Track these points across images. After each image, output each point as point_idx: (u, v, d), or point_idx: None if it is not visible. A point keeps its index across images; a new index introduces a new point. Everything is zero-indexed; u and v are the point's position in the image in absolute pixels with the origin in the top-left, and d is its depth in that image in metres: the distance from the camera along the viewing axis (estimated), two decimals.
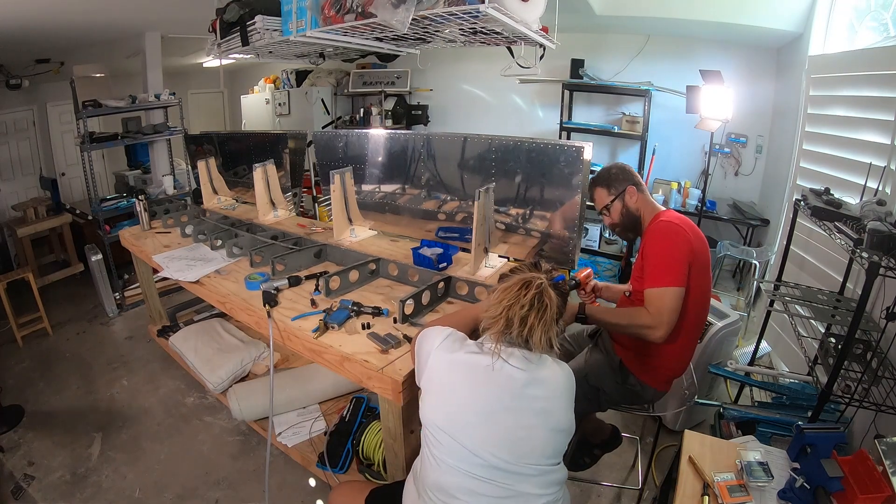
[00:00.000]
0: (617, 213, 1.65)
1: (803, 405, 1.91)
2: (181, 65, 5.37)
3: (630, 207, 1.63)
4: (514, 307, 1.06)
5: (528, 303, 1.05)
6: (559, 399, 1.09)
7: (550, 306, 1.07)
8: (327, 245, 2.23)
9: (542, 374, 1.08)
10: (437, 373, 1.11)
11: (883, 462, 1.09)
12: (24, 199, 4.27)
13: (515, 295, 1.07)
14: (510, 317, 1.06)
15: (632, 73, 3.91)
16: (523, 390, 1.05)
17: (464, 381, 1.08)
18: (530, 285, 1.07)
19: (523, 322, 1.05)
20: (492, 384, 1.06)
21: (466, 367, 1.08)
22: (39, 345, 3.20)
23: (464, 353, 1.10)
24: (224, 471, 2.11)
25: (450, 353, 1.11)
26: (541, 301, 1.06)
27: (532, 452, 1.04)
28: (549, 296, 1.07)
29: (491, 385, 1.06)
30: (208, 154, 3.29)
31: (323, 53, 2.67)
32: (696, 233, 1.50)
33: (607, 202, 1.66)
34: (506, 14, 1.52)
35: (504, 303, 1.07)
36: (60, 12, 2.98)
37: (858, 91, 2.08)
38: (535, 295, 1.06)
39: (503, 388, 1.05)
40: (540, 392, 1.06)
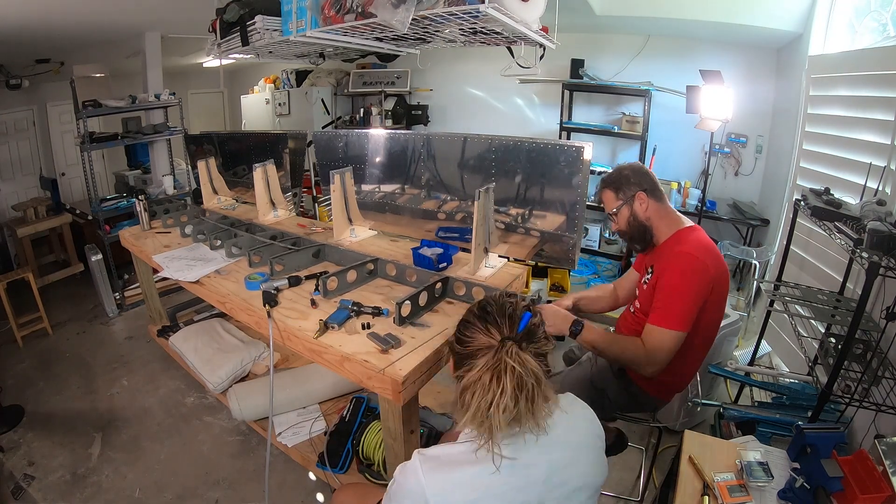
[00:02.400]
0: (624, 220, 1.54)
1: (803, 405, 1.91)
2: (181, 65, 5.37)
3: (639, 216, 1.50)
4: (495, 415, 0.79)
5: (511, 399, 0.80)
6: (586, 458, 0.92)
7: (536, 378, 0.82)
8: (325, 245, 2.23)
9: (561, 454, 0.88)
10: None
11: (883, 462, 1.09)
12: (24, 199, 4.27)
13: (487, 392, 0.81)
14: (499, 425, 0.81)
15: (632, 73, 3.91)
16: (548, 483, 0.86)
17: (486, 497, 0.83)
18: (501, 371, 0.81)
19: (516, 422, 0.82)
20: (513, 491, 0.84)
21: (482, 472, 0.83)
22: (39, 345, 3.20)
23: (465, 469, 0.84)
24: (224, 471, 2.11)
25: (446, 472, 0.85)
26: (522, 386, 0.81)
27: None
28: (531, 369, 0.82)
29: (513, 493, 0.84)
30: (208, 154, 3.29)
31: (323, 53, 2.67)
32: (716, 261, 1.40)
33: (614, 207, 1.54)
34: (506, 14, 1.52)
35: (480, 412, 0.81)
36: (60, 12, 2.98)
37: (858, 91, 2.08)
38: (515, 384, 0.80)
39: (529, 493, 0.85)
40: (568, 474, 0.88)
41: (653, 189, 1.51)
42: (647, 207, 1.50)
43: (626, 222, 1.54)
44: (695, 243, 1.42)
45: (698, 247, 1.41)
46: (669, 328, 1.35)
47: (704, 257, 1.38)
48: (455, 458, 0.86)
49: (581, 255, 2.77)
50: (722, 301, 1.48)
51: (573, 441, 0.91)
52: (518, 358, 0.82)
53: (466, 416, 0.83)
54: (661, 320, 1.37)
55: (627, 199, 1.51)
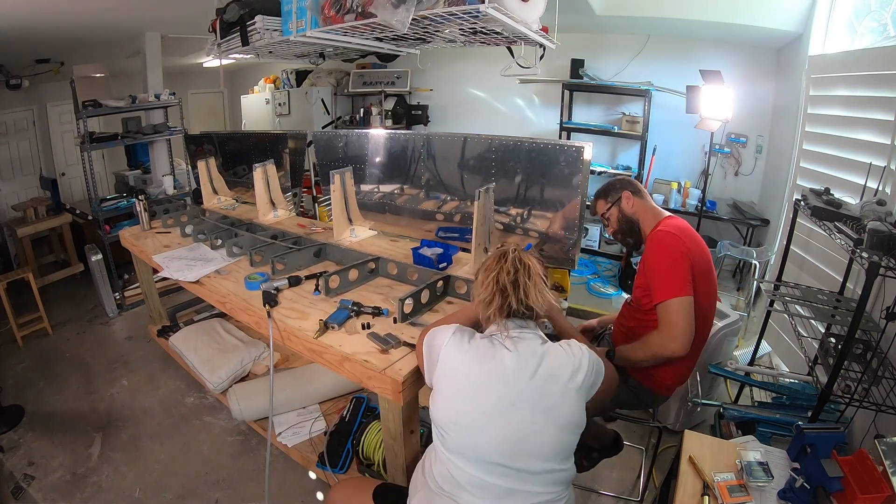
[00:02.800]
0: (615, 219, 1.69)
1: (803, 405, 1.91)
2: (181, 65, 5.37)
3: (627, 213, 1.66)
4: (500, 276, 1.10)
5: (512, 267, 1.11)
6: (569, 389, 1.07)
7: (532, 264, 1.12)
8: (327, 244, 2.23)
9: (552, 364, 1.07)
10: (448, 369, 1.11)
11: (883, 462, 1.09)
12: (24, 199, 4.27)
13: (496, 267, 1.12)
14: (501, 287, 1.10)
15: (632, 73, 3.91)
16: (532, 384, 1.05)
17: (474, 376, 1.08)
18: (505, 254, 1.13)
19: (515, 286, 1.09)
20: (501, 378, 1.06)
21: (476, 361, 1.08)
22: (39, 345, 3.20)
23: (473, 347, 1.10)
24: (224, 471, 2.11)
25: (459, 348, 1.11)
26: (522, 262, 1.12)
27: (540, 451, 1.05)
28: (526, 256, 1.13)
29: (500, 379, 1.06)
30: (208, 154, 3.29)
31: (323, 53, 2.67)
32: (692, 238, 1.51)
33: (605, 210, 1.70)
34: (506, 14, 1.52)
35: (490, 278, 1.12)
36: (60, 12, 2.98)
37: (858, 91, 2.08)
38: (514, 258, 1.12)
39: (512, 384, 1.05)
40: (552, 388, 1.05)
41: (636, 190, 1.68)
42: (633, 204, 1.65)
43: (618, 221, 1.68)
44: (668, 224, 1.55)
45: (668, 226, 1.54)
46: (672, 297, 1.41)
47: (675, 231, 1.50)
48: (476, 339, 1.12)
49: (581, 255, 2.77)
50: (708, 287, 1.51)
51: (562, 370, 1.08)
52: (518, 248, 1.16)
53: (481, 290, 1.14)
54: (662, 294, 1.43)
55: (615, 201, 1.68)
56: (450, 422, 1.08)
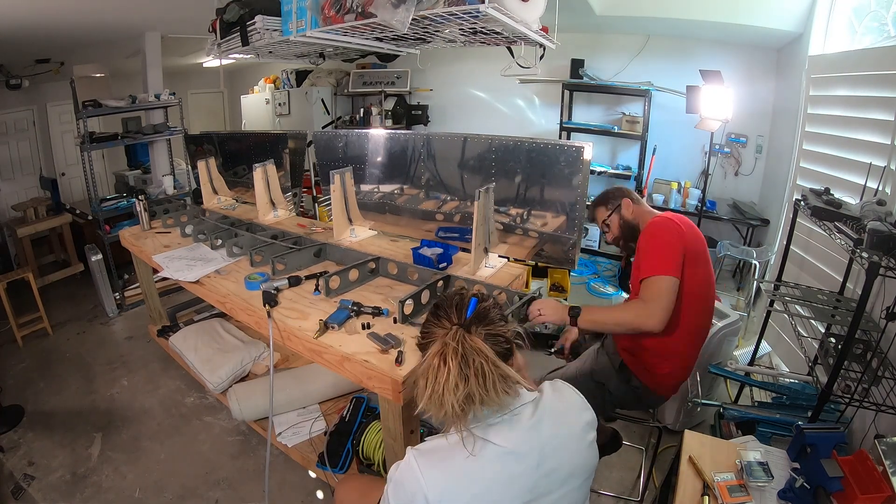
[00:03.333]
0: (616, 225, 1.73)
1: (803, 405, 1.91)
2: (181, 65, 5.37)
3: (627, 218, 1.71)
4: (446, 394, 0.83)
5: (458, 378, 0.83)
6: (573, 443, 0.93)
7: (483, 356, 0.85)
8: (327, 244, 2.23)
9: (551, 439, 0.90)
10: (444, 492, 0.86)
11: (883, 462, 1.09)
12: (24, 199, 4.27)
13: (437, 375, 0.85)
14: (455, 405, 0.83)
15: (632, 73, 3.92)
16: (539, 470, 0.88)
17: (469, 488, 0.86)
18: (445, 353, 0.86)
19: (470, 399, 0.84)
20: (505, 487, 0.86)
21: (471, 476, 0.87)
22: (39, 345, 3.20)
23: (457, 464, 0.87)
24: (224, 471, 2.11)
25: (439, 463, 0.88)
26: (468, 364, 0.84)
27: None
28: (474, 348, 0.86)
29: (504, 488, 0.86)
30: (208, 154, 3.29)
31: (323, 53, 2.67)
32: (689, 226, 1.53)
33: (605, 217, 1.75)
34: (506, 14, 1.52)
35: (436, 394, 0.85)
36: (60, 12, 2.98)
37: (858, 91, 2.08)
38: (460, 363, 0.84)
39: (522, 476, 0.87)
40: (560, 458, 0.90)
41: (634, 198, 1.74)
42: (633, 210, 1.71)
43: (619, 227, 1.73)
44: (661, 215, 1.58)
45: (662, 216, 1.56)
46: (657, 273, 1.42)
47: (670, 216, 1.53)
48: (448, 449, 0.89)
49: (581, 255, 2.77)
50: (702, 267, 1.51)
51: (562, 426, 0.93)
52: (463, 340, 0.87)
53: (423, 400, 0.87)
54: (647, 270, 1.45)
55: (616, 208, 1.73)
56: None
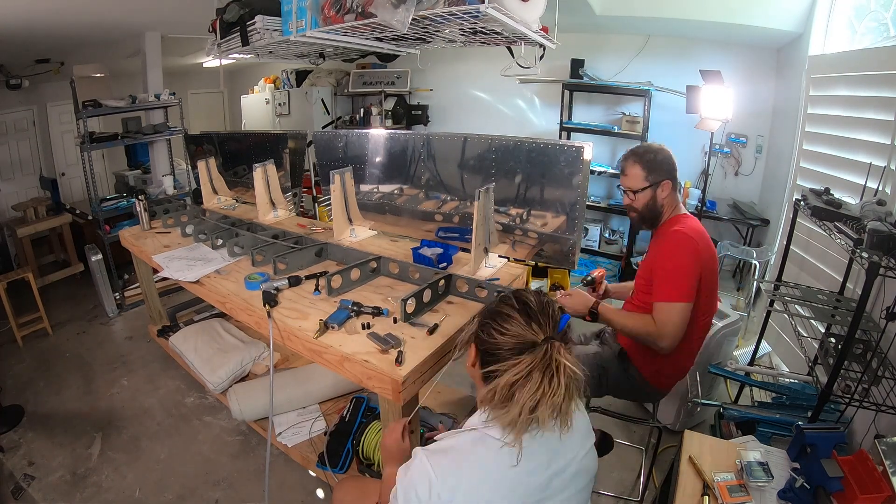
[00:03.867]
0: (643, 201, 1.58)
1: (803, 405, 1.91)
2: (181, 65, 5.37)
3: (658, 201, 1.59)
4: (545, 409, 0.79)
5: (566, 396, 0.80)
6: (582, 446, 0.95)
7: (577, 376, 0.82)
8: (328, 244, 2.23)
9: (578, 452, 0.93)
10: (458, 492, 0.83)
11: (883, 462, 1.09)
12: (24, 199, 4.27)
13: (540, 390, 0.79)
14: (544, 419, 0.80)
15: (632, 73, 3.91)
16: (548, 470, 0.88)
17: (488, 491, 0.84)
18: (555, 369, 0.80)
19: (555, 409, 0.80)
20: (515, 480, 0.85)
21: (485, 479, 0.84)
22: (39, 345, 3.20)
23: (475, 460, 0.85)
24: (224, 471, 2.11)
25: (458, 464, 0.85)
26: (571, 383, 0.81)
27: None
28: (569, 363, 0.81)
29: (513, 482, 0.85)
30: (208, 154, 3.29)
31: (323, 53, 2.67)
32: (706, 244, 1.51)
33: (639, 186, 1.56)
34: (506, 14, 1.52)
35: (528, 407, 0.79)
36: (60, 12, 2.98)
37: (858, 91, 2.08)
38: (561, 378, 0.80)
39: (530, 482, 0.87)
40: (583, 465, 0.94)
41: (675, 179, 1.60)
42: (667, 196, 1.58)
43: (644, 204, 1.59)
44: (687, 225, 1.53)
45: (690, 228, 1.51)
46: (674, 301, 1.43)
47: (693, 234, 1.48)
48: (463, 448, 0.86)
49: (581, 255, 2.77)
50: (712, 290, 1.53)
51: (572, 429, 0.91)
52: (567, 357, 0.82)
53: (511, 410, 0.80)
54: (665, 295, 1.45)
55: (654, 184, 1.56)
56: None
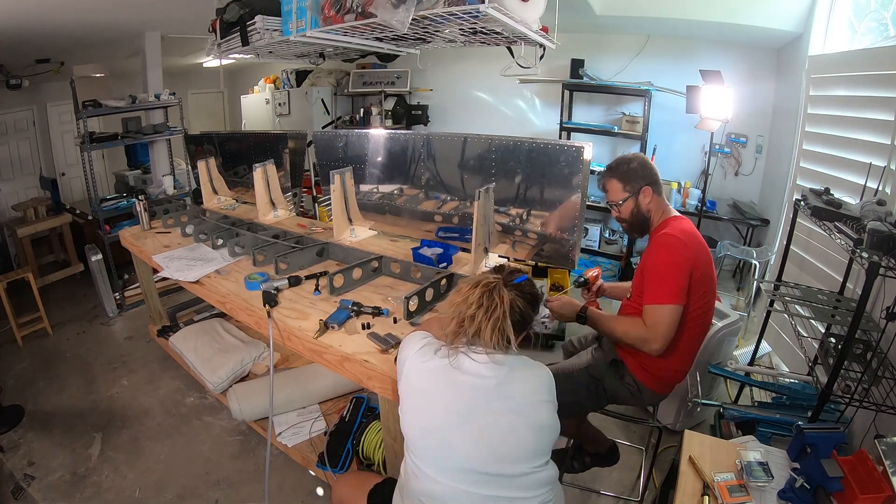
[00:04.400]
0: (628, 210, 1.59)
1: (803, 405, 1.91)
2: (181, 65, 5.37)
3: (641, 208, 1.58)
4: (462, 306, 1.08)
5: (476, 301, 1.06)
6: (537, 395, 1.07)
7: (501, 304, 1.06)
8: (329, 243, 2.23)
9: (515, 374, 1.07)
10: (412, 381, 1.11)
11: (883, 462, 1.09)
12: (24, 199, 4.27)
13: (465, 295, 1.09)
14: (460, 317, 1.08)
15: (632, 73, 3.91)
16: (497, 390, 1.04)
17: (437, 388, 1.08)
18: (478, 285, 1.09)
19: (472, 320, 1.06)
20: (463, 387, 1.05)
21: (438, 372, 1.08)
22: (39, 345, 3.20)
23: (436, 360, 1.09)
24: (224, 471, 2.11)
25: (422, 360, 1.11)
26: (490, 299, 1.06)
27: (514, 454, 1.03)
28: (499, 294, 1.07)
29: (463, 388, 1.05)
30: (208, 154, 3.29)
31: (323, 53, 2.67)
32: (696, 244, 1.48)
33: (620, 198, 1.58)
34: (506, 14, 1.52)
35: (455, 305, 1.10)
36: (60, 12, 2.98)
37: (858, 91, 2.08)
38: (483, 293, 1.07)
39: (476, 390, 1.05)
40: (516, 389, 1.06)
41: (656, 183, 1.58)
42: (650, 201, 1.57)
43: (630, 213, 1.60)
44: (676, 227, 1.50)
45: (678, 230, 1.49)
46: (663, 303, 1.41)
47: (682, 236, 1.46)
48: (441, 353, 1.10)
49: (581, 255, 2.77)
50: (707, 291, 1.50)
51: (528, 380, 1.08)
52: (498, 285, 1.08)
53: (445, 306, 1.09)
54: (654, 297, 1.43)
55: (634, 192, 1.57)
56: (416, 435, 1.08)
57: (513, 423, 1.03)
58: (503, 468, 1.02)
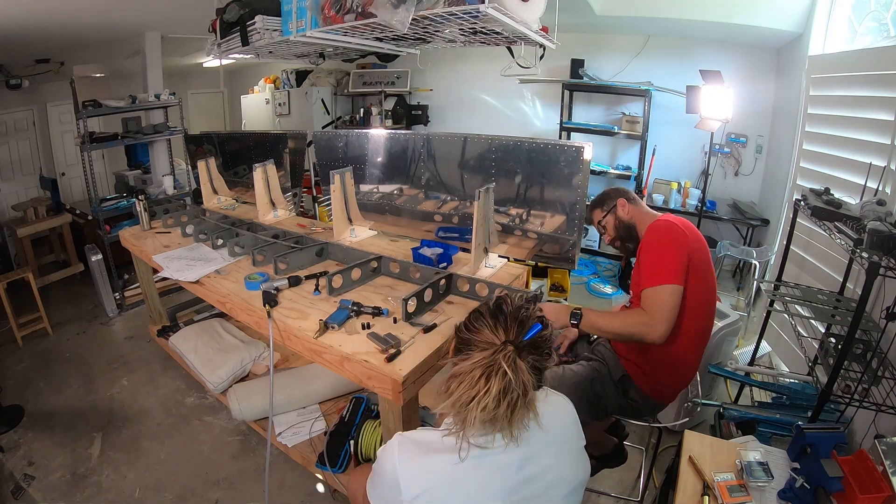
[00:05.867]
0: (612, 226, 1.71)
1: (803, 405, 1.91)
2: (181, 65, 5.37)
3: (623, 219, 1.68)
4: (473, 410, 0.80)
5: (493, 401, 0.79)
6: (564, 455, 0.92)
7: (522, 390, 0.81)
8: (329, 243, 2.23)
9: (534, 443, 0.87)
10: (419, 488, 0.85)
11: (883, 462, 1.09)
12: (24, 199, 4.27)
13: (475, 388, 0.80)
14: (476, 421, 0.81)
15: (632, 73, 3.92)
16: (520, 474, 0.86)
17: (449, 491, 0.85)
18: (491, 372, 0.81)
19: (492, 424, 0.83)
20: (482, 481, 0.85)
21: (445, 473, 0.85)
22: (39, 345, 3.20)
23: (437, 455, 0.86)
24: (224, 471, 2.11)
25: (420, 457, 0.87)
26: (506, 392, 0.80)
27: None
28: (520, 379, 0.81)
29: (482, 483, 0.85)
30: (208, 154, 3.29)
31: (323, 53, 2.67)
32: (692, 231, 1.50)
33: (601, 218, 1.74)
34: (506, 14, 1.52)
35: (461, 403, 0.82)
36: (60, 12, 2.98)
37: (858, 91, 2.08)
38: (502, 388, 0.80)
39: (496, 483, 0.85)
40: (539, 467, 0.87)
41: (631, 198, 1.70)
42: (628, 210, 1.68)
43: (615, 228, 1.71)
44: (667, 217, 1.55)
45: (669, 217, 1.54)
46: (661, 283, 1.40)
47: (672, 220, 1.50)
48: (432, 443, 0.88)
49: (581, 255, 2.77)
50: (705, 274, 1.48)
51: (550, 434, 0.90)
52: (513, 364, 0.82)
53: (447, 402, 0.83)
54: (651, 280, 1.42)
55: (611, 209, 1.71)
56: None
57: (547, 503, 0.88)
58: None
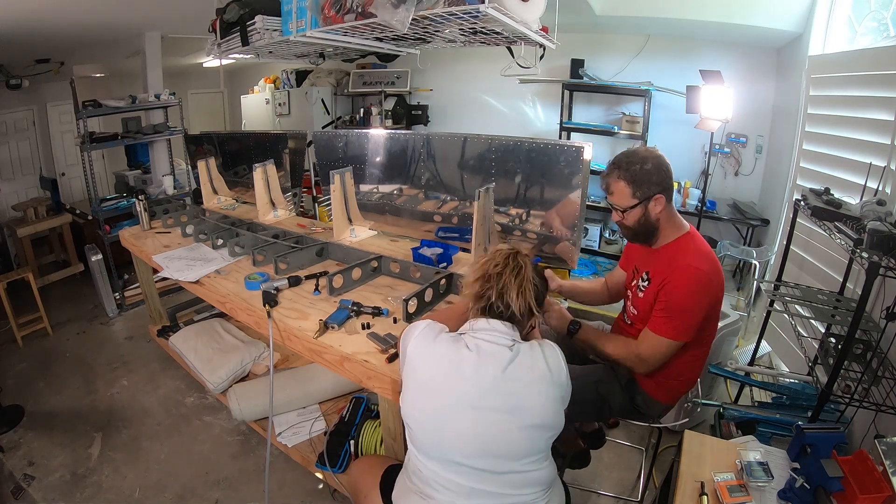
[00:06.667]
0: (633, 219, 1.41)
1: (803, 405, 1.91)
2: (181, 65, 5.37)
3: (650, 217, 1.39)
4: (488, 265, 1.11)
5: (503, 262, 1.10)
6: (535, 388, 1.04)
7: (525, 269, 1.09)
8: (329, 243, 2.23)
9: (519, 362, 1.05)
10: (413, 366, 1.11)
11: (883, 462, 1.09)
12: (24, 199, 4.27)
13: (490, 257, 1.13)
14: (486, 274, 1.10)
15: (632, 73, 3.91)
16: (495, 384, 1.03)
17: (435, 375, 1.07)
18: (501, 251, 1.14)
19: (499, 277, 1.08)
20: (460, 378, 1.04)
21: (438, 359, 1.08)
22: (39, 345, 3.20)
23: (437, 345, 1.10)
24: (224, 471, 2.11)
25: (424, 345, 1.11)
26: (514, 261, 1.10)
27: (506, 451, 1.03)
28: (523, 260, 1.11)
29: (460, 379, 1.04)
30: (208, 154, 3.29)
31: (323, 53, 2.67)
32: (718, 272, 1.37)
33: (626, 205, 1.39)
34: (506, 14, 1.52)
35: (480, 264, 1.14)
36: (60, 12, 2.98)
37: (858, 91, 2.08)
38: (509, 255, 1.11)
39: (472, 384, 1.03)
40: (513, 386, 1.03)
41: (670, 189, 1.39)
42: (661, 210, 1.39)
43: (636, 222, 1.41)
44: (696, 254, 1.37)
45: (700, 257, 1.36)
46: (669, 338, 1.37)
47: (709, 269, 1.34)
48: (443, 336, 1.11)
49: (581, 255, 2.77)
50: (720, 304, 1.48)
51: (529, 372, 1.05)
52: (521, 252, 1.14)
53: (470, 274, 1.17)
54: (662, 330, 1.37)
55: (644, 200, 1.36)
56: (412, 419, 1.09)
57: (507, 422, 1.02)
58: (491, 465, 1.03)
